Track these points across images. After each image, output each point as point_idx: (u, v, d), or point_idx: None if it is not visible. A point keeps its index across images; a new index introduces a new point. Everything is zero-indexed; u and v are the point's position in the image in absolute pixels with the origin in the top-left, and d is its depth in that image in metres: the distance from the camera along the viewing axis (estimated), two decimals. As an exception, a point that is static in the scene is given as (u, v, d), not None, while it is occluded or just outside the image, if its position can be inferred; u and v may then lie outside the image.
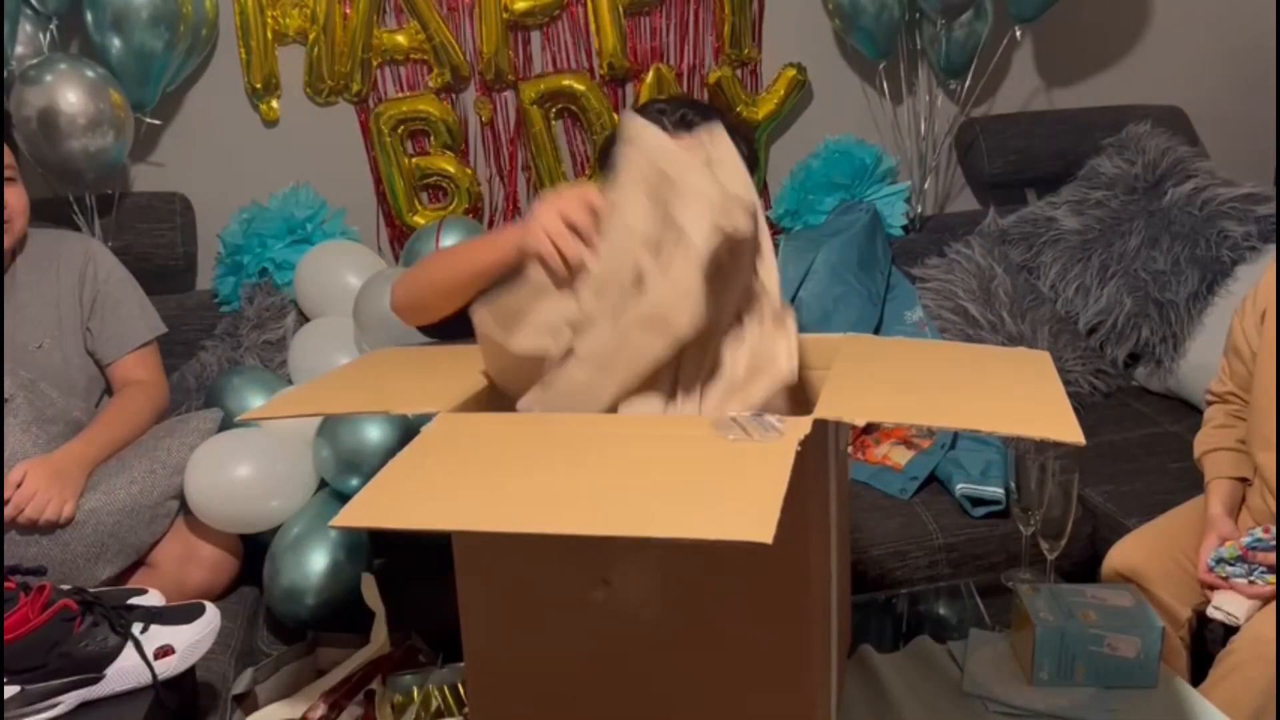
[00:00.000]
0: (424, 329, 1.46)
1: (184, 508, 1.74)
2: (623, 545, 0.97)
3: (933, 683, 1.29)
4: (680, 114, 1.50)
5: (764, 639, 1.00)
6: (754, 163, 1.62)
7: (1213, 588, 1.50)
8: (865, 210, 2.43)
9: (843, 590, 1.21)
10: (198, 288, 2.34)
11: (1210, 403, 1.76)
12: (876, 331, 2.29)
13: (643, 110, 1.56)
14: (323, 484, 1.83)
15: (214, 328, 2.21)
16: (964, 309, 2.34)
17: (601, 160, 1.61)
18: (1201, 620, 1.56)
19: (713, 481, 0.86)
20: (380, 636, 1.50)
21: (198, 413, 1.85)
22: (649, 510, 0.83)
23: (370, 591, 1.58)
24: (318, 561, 1.67)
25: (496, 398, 1.19)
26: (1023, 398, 1.07)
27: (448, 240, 2.18)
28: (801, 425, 0.93)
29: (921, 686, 1.28)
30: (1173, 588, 1.58)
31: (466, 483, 0.90)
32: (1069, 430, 0.92)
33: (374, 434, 1.75)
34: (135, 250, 2.17)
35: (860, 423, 0.96)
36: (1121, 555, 1.65)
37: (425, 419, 1.04)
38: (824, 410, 0.97)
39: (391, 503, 0.88)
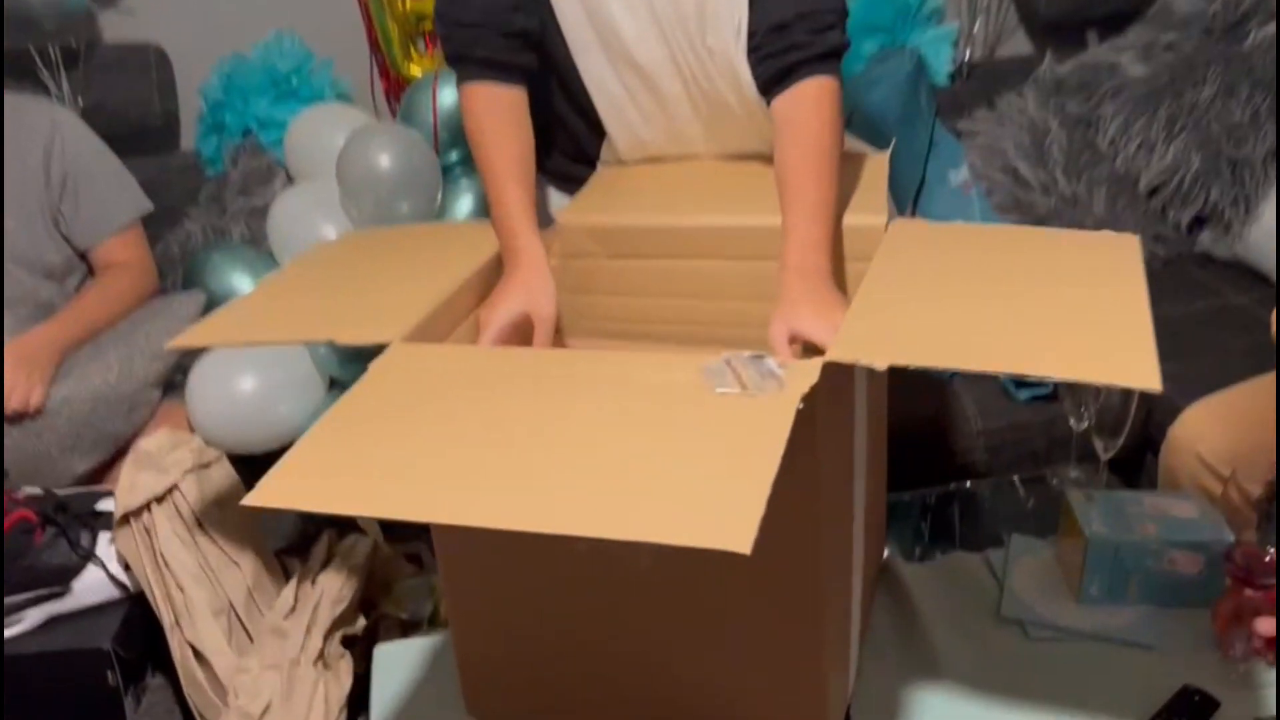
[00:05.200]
0: None
1: (166, 396, 1.64)
2: None
3: (966, 604, 1.18)
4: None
5: (770, 610, 0.89)
6: None
7: None
8: (908, 57, 2.20)
9: (872, 524, 1.09)
10: (181, 149, 2.18)
11: None
12: (918, 195, 2.10)
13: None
14: (332, 383, 1.70)
15: (198, 192, 2.05)
16: (1013, 168, 2.13)
17: None
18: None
19: (692, 459, 0.71)
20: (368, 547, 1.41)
21: (178, 295, 1.72)
22: (614, 504, 0.68)
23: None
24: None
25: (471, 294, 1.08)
26: (1096, 315, 0.89)
27: (445, 94, 1.98)
28: (808, 372, 0.77)
29: (954, 608, 1.17)
30: (1246, 468, 1.43)
31: (408, 449, 0.75)
32: (1144, 373, 0.76)
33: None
34: (109, 109, 2.00)
35: (882, 366, 0.80)
36: (1194, 424, 1.48)
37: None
38: (841, 350, 0.81)
39: (318, 476, 0.73)
